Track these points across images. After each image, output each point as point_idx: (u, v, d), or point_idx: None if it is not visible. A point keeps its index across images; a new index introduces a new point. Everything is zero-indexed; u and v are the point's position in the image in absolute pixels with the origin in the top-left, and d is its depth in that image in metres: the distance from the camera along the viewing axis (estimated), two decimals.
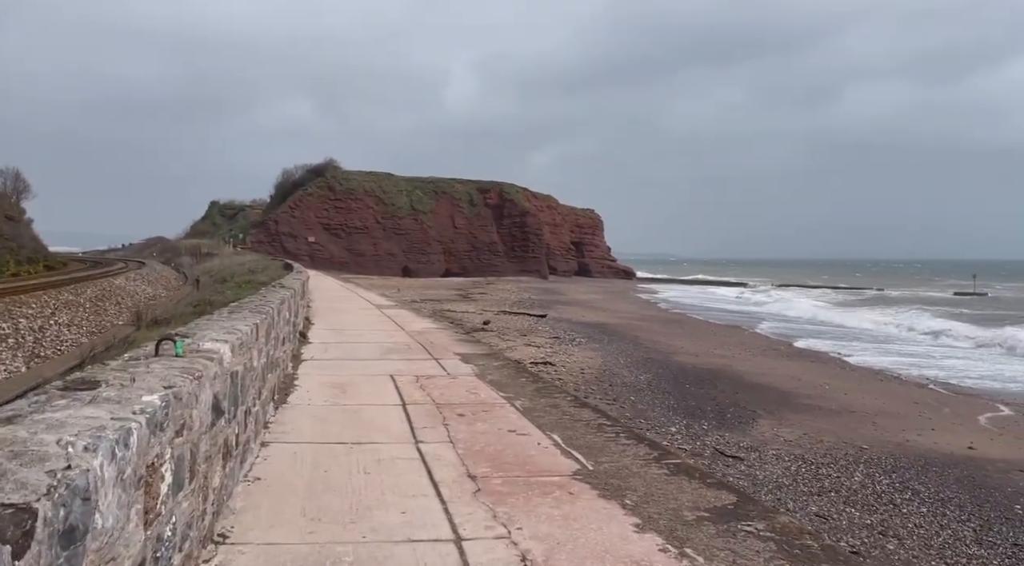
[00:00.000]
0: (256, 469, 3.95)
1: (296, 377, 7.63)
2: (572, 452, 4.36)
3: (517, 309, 36.02)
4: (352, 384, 7.29)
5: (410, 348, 10.74)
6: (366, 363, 9.07)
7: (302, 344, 10.24)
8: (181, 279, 36.01)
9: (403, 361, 9.27)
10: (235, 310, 4.70)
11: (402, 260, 70.57)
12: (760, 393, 16.61)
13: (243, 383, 3.36)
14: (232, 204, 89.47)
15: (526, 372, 8.92)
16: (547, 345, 22.36)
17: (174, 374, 2.33)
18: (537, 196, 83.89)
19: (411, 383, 7.43)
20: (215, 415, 2.74)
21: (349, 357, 9.56)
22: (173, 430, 2.06)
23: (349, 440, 4.71)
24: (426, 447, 4.60)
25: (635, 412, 13.59)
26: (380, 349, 10.45)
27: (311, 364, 8.75)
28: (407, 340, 11.86)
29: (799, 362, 23.27)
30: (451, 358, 9.69)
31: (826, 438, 12.60)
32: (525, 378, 8.04)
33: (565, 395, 6.77)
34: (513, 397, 6.54)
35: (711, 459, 10.86)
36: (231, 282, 15.07)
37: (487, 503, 3.46)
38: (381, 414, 5.65)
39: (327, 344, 10.72)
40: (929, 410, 15.74)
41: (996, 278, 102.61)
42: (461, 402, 6.30)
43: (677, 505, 3.49)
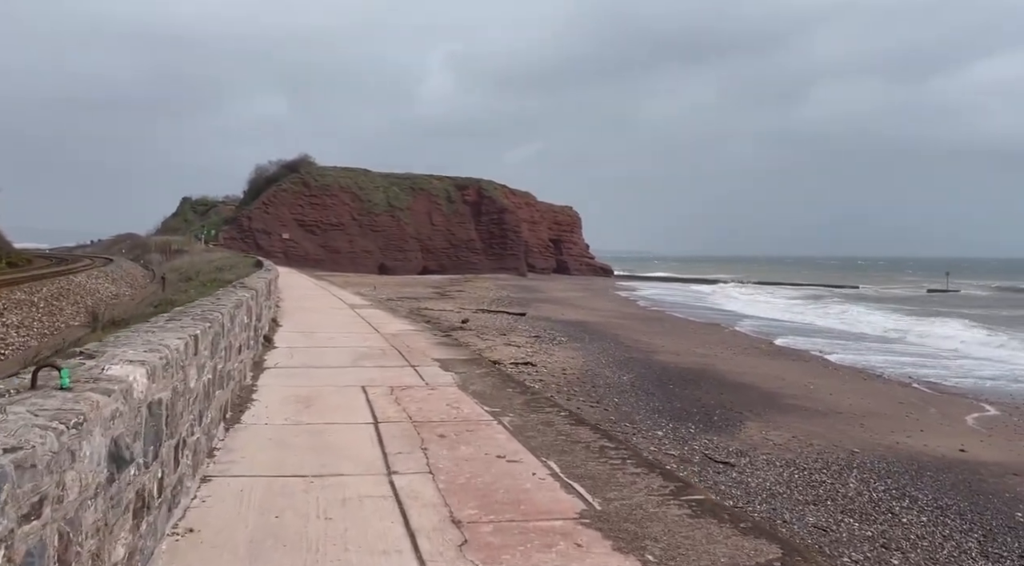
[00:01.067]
0: (191, 516, 3.20)
1: (255, 389, 6.89)
2: (574, 485, 3.66)
3: (496, 307, 35.39)
4: (319, 397, 6.57)
5: (385, 353, 10.00)
6: (336, 371, 8.34)
7: (266, 349, 9.48)
8: (149, 277, 34.86)
9: (377, 368, 8.55)
10: (175, 317, 3.92)
11: (378, 257, 69.55)
12: (745, 394, 16.27)
13: (171, 412, 2.66)
14: (204, 200, 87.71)
15: (512, 381, 8.24)
16: (527, 345, 21.77)
17: (32, 426, 1.61)
18: (515, 193, 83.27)
19: (385, 395, 6.71)
20: (115, 467, 2.04)
21: (317, 364, 8.83)
22: (16, 514, 1.37)
23: (310, 471, 3.97)
24: (401, 480, 3.87)
25: (620, 415, 13.06)
26: (352, 354, 9.72)
27: (274, 373, 8.01)
28: (382, 344, 11.09)
29: (781, 361, 23.02)
30: (430, 365, 8.99)
31: (816, 441, 12.25)
32: (512, 389, 7.37)
33: (558, 409, 6.09)
34: (500, 412, 5.89)
35: (700, 465, 10.35)
36: (196, 280, 14.23)
37: (477, 562, 2.77)
38: (350, 435, 4.95)
39: (294, 349, 9.97)
40: (916, 411, 15.59)
41: (963, 276, 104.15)
42: (442, 419, 5.63)
43: (711, 562, 2.83)
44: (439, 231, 74.26)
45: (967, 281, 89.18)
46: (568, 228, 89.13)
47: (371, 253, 69.26)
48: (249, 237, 66.75)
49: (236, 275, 13.87)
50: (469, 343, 20.47)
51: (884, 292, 70.83)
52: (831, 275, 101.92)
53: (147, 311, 11.07)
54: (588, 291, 59.27)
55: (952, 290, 71.79)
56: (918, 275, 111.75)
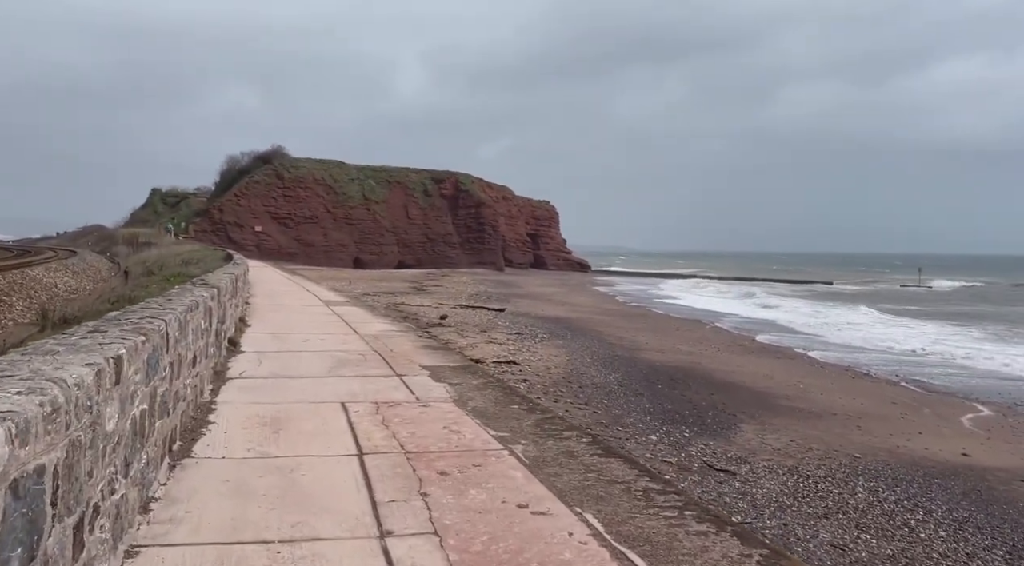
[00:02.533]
0: None
1: (214, 407, 5.87)
2: (628, 555, 2.68)
3: (474, 303, 34.53)
4: (290, 418, 5.55)
5: (366, 359, 9.00)
6: (310, 383, 7.30)
7: (231, 355, 8.49)
8: (114, 270, 33.42)
9: (357, 378, 7.56)
10: (101, 327, 2.92)
11: (353, 251, 68.24)
12: (736, 393, 15.81)
13: (67, 480, 1.77)
14: (175, 191, 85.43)
15: (516, 395, 7.17)
16: (509, 342, 21.03)
17: None
18: (492, 187, 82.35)
19: (369, 414, 5.72)
20: None
21: (289, 373, 7.79)
22: None
23: (277, 534, 3.00)
24: (398, 548, 2.90)
25: (610, 418, 12.40)
26: (329, 361, 8.72)
27: (238, 385, 6.94)
28: (362, 347, 10.05)
29: (766, 358, 22.66)
30: (418, 373, 8.03)
31: (815, 446, 11.77)
32: (518, 405, 6.36)
33: (578, 434, 5.13)
34: (510, 438, 4.97)
35: (701, 474, 9.70)
36: (159, 275, 13.18)
37: None
38: (328, 475, 4.03)
39: (263, 354, 8.93)
40: (910, 411, 15.36)
41: (932, 272, 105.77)
42: (441, 449, 4.68)
43: None
44: (415, 225, 73.10)
45: (940, 278, 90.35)
46: (545, 223, 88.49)
47: (346, 247, 67.93)
48: (221, 230, 65.01)
49: (203, 269, 12.82)
50: (450, 341, 19.66)
51: (860, 289, 71.27)
52: (807, 272, 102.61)
53: (103, 308, 10.08)
54: (566, 286, 58.74)
55: (924, 286, 72.48)
56: (893, 271, 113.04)
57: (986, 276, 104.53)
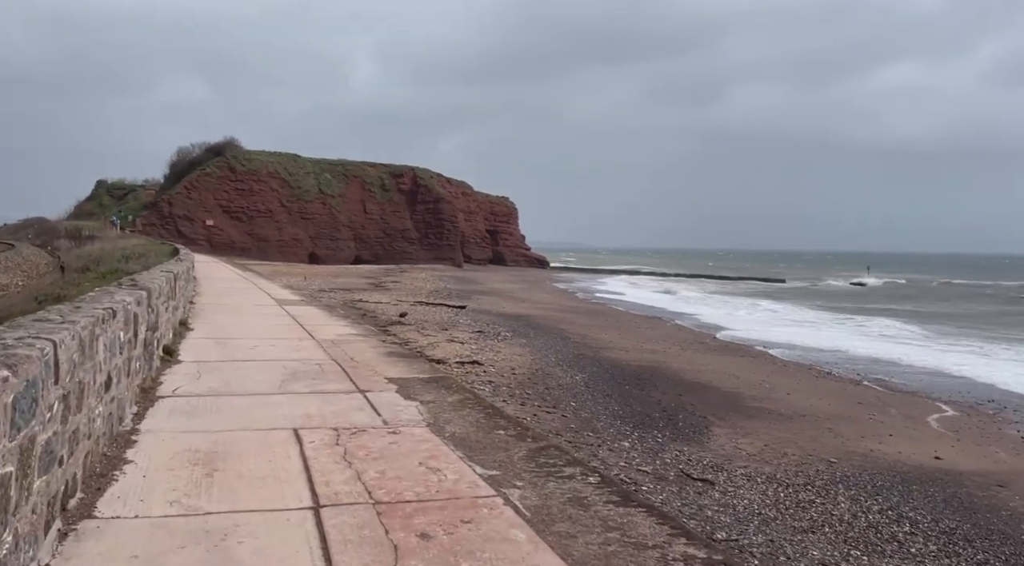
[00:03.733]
0: None
1: (135, 439, 4.83)
2: None
3: (434, 300, 33.82)
4: (229, 453, 4.60)
5: (323, 370, 8.05)
6: (257, 402, 6.27)
7: (166, 366, 7.49)
8: (54, 264, 31.81)
9: (314, 396, 6.59)
10: None
11: (309, 246, 66.71)
12: (704, 395, 15.63)
13: None
14: (121, 183, 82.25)
15: (501, 416, 6.19)
16: (471, 341, 20.48)
17: None
18: (451, 182, 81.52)
19: (328, 446, 4.82)
20: None
21: (232, 389, 6.73)
22: None
23: None
24: None
25: (580, 422, 11.98)
26: (280, 372, 7.75)
27: (169, 406, 5.90)
28: (318, 355, 9.12)
29: (730, 357, 22.63)
30: (384, 388, 7.11)
31: (790, 450, 11.57)
32: (504, 430, 5.43)
33: (583, 470, 4.41)
34: (502, 478, 4.16)
35: (678, 484, 9.33)
36: (95, 271, 12.29)
37: None
38: (273, 543, 3.21)
39: (203, 365, 7.88)
40: (877, 412, 15.43)
41: (878, 269, 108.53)
42: (419, 496, 3.87)
43: None
44: (373, 220, 71.84)
45: (886, 274, 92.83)
46: (504, 219, 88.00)
47: (301, 241, 66.37)
48: (170, 223, 62.84)
49: (143, 265, 11.97)
50: (410, 340, 19.02)
51: (810, 288, 72.48)
52: (758, 269, 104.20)
53: (29, 307, 9.23)
54: (526, 282, 58.43)
55: (860, 283, 74.51)
56: (846, 269, 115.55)
57: (922, 274, 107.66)
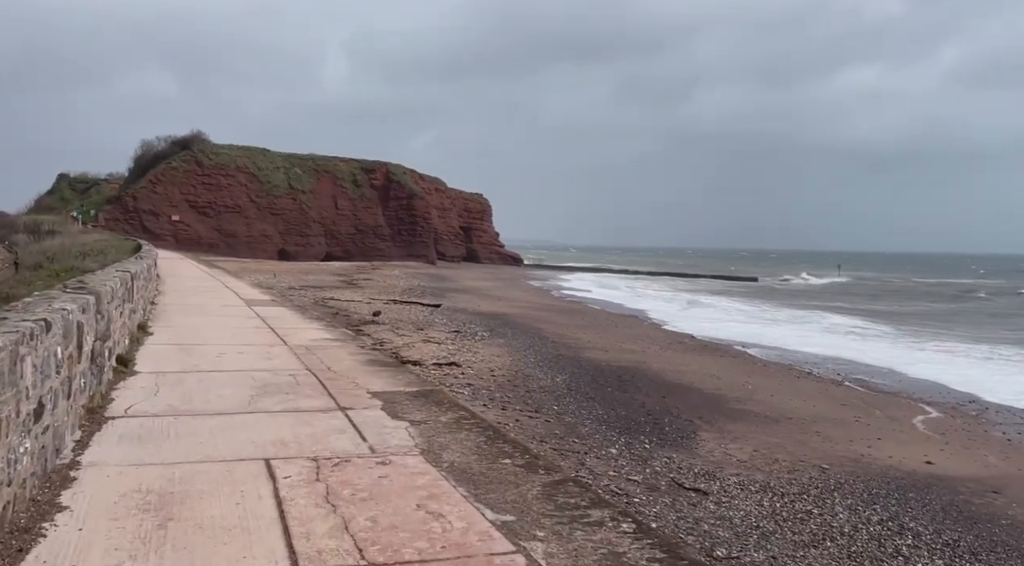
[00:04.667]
0: None
1: (75, 474, 4.05)
2: None
3: (408, 298, 33.16)
4: (187, 495, 3.84)
5: (297, 382, 7.24)
6: (223, 424, 5.44)
7: (120, 378, 6.66)
8: (9, 260, 30.54)
9: (288, 415, 5.76)
10: None
11: (278, 242, 65.42)
12: (687, 397, 15.32)
13: None
14: (84, 177, 80.00)
15: (503, 439, 5.37)
16: (448, 341, 19.93)
17: None
18: (425, 178, 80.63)
19: (307, 483, 4.07)
20: None
21: (194, 407, 5.91)
22: None
23: None
24: None
25: (564, 427, 11.51)
26: (250, 385, 6.93)
27: (119, 431, 5.08)
28: (292, 363, 8.38)
29: (709, 357, 22.41)
30: (367, 404, 6.30)
31: (780, 456, 11.27)
32: (510, 457, 4.67)
33: (612, 515, 3.71)
34: (517, 525, 3.47)
35: (671, 494, 8.88)
36: (48, 268, 11.50)
37: None
38: None
39: (162, 377, 7.04)
40: (862, 414, 15.29)
41: (854, 269, 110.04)
42: (422, 555, 3.16)
43: None
44: (344, 216, 70.70)
45: (858, 272, 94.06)
46: (478, 216, 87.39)
47: (270, 238, 65.05)
48: (135, 218, 61.14)
49: (101, 262, 11.19)
50: (385, 340, 18.41)
51: (781, 285, 73.14)
52: (733, 269, 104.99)
53: None
54: (500, 280, 57.95)
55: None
56: (819, 267, 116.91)
57: (880, 273, 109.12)
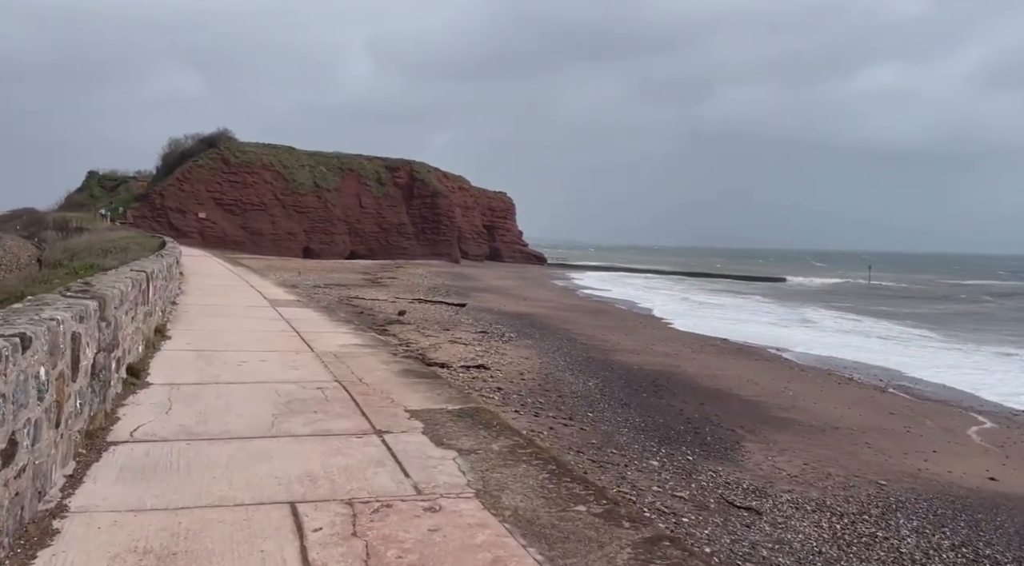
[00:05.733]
0: None
1: (59, 525, 3.33)
2: None
3: (433, 297, 32.69)
4: (195, 556, 3.08)
5: (326, 398, 6.49)
6: (240, 453, 4.63)
7: (130, 391, 6.00)
8: (38, 256, 30.59)
9: (316, 441, 5.02)
10: None
11: (303, 240, 65.42)
12: (727, 403, 14.63)
13: None
14: (113, 175, 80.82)
15: (568, 473, 4.53)
16: (475, 342, 19.39)
17: None
18: (448, 176, 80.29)
19: (341, 540, 3.28)
20: None
21: (208, 431, 5.13)
22: None
23: None
24: None
25: (601, 437, 10.88)
26: (273, 401, 6.21)
27: (121, 461, 4.33)
28: (319, 374, 7.69)
29: (743, 360, 21.64)
30: (405, 426, 5.52)
31: (832, 470, 10.53)
32: (584, 503, 3.88)
33: None
34: None
35: (722, 514, 8.20)
36: (68, 266, 11.15)
37: None
38: None
39: (176, 390, 6.36)
40: (912, 424, 14.50)
41: (886, 270, 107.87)
42: None
43: None
44: (368, 214, 70.56)
45: (890, 274, 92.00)
46: (502, 214, 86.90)
47: (295, 235, 65.07)
48: (162, 216, 61.48)
49: (122, 259, 10.79)
50: (411, 341, 17.91)
51: (810, 285, 71.75)
52: (759, 267, 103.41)
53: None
54: (524, 280, 57.39)
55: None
56: (848, 268, 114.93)
57: (908, 274, 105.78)
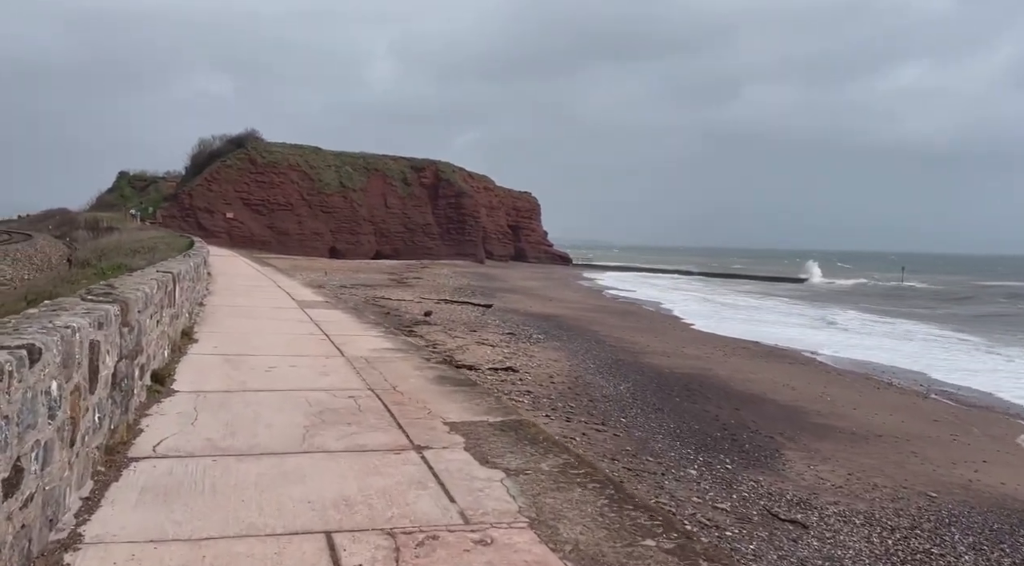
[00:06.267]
0: None
1: (70, 560, 3.01)
2: None
3: (459, 298, 32.49)
4: None
5: (360, 408, 6.16)
6: (270, 471, 4.33)
7: (154, 400, 5.76)
8: (67, 256, 30.95)
9: (351, 458, 4.66)
10: None
11: (329, 240, 65.69)
12: (763, 408, 14.13)
13: None
14: (143, 175, 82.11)
15: (629, 499, 4.15)
16: (502, 343, 19.09)
17: None
18: (474, 176, 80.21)
19: None
20: None
21: (236, 446, 4.81)
22: None
23: None
24: None
25: (635, 443, 10.51)
26: (304, 412, 5.88)
27: (141, 483, 4.00)
28: (351, 381, 7.36)
29: (776, 363, 21.05)
30: (445, 441, 5.19)
31: (879, 480, 10.03)
32: (653, 536, 3.55)
33: None
34: None
35: (767, 527, 7.79)
36: (95, 266, 11.05)
37: None
38: None
39: (203, 399, 6.07)
40: (958, 432, 13.92)
41: (919, 271, 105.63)
42: None
43: None
44: (394, 214, 70.69)
45: (926, 275, 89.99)
46: (527, 214, 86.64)
47: (321, 235, 65.36)
48: (190, 215, 62.12)
49: (149, 260, 10.65)
50: (438, 342, 17.66)
51: (842, 286, 70.51)
52: (786, 266, 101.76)
53: (16, 307, 7.98)
54: (550, 280, 57.02)
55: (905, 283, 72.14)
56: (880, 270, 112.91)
57: (942, 275, 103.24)
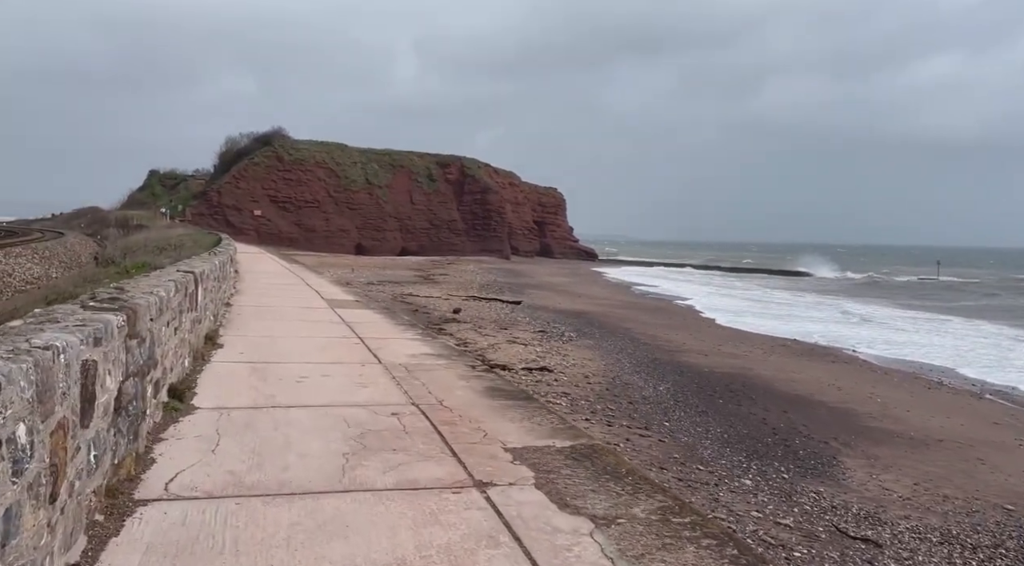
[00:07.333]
0: None
1: None
2: None
3: (487, 294, 31.98)
4: None
5: (405, 429, 5.27)
6: (304, 517, 3.52)
7: (170, 420, 5.01)
8: (97, 254, 31.02)
9: (400, 499, 3.85)
10: None
11: (355, 237, 65.61)
12: (813, 411, 13.41)
13: None
14: (173, 174, 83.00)
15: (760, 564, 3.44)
16: (534, 342, 18.50)
17: None
18: (499, 172, 79.68)
19: None
20: None
21: (263, 482, 3.99)
22: None
23: None
24: None
25: (682, 449, 9.87)
26: (342, 435, 5.00)
27: (147, 539, 3.19)
28: (392, 394, 6.50)
29: (819, 362, 20.25)
30: (515, 478, 4.27)
31: (947, 491, 9.30)
32: None
33: None
34: None
35: (835, 546, 7.12)
36: (120, 264, 10.71)
37: None
38: None
39: (226, 417, 5.29)
40: (1023, 436, 12.84)
41: (957, 266, 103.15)
42: None
43: None
44: (419, 210, 70.44)
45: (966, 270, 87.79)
46: (552, 210, 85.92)
47: (348, 232, 65.30)
48: (219, 213, 62.41)
49: (174, 258, 10.25)
50: (469, 341, 17.14)
51: (880, 281, 68.87)
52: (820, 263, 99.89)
53: (34, 308, 7.57)
54: (577, 276, 56.37)
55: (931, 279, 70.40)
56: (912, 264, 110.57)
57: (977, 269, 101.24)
